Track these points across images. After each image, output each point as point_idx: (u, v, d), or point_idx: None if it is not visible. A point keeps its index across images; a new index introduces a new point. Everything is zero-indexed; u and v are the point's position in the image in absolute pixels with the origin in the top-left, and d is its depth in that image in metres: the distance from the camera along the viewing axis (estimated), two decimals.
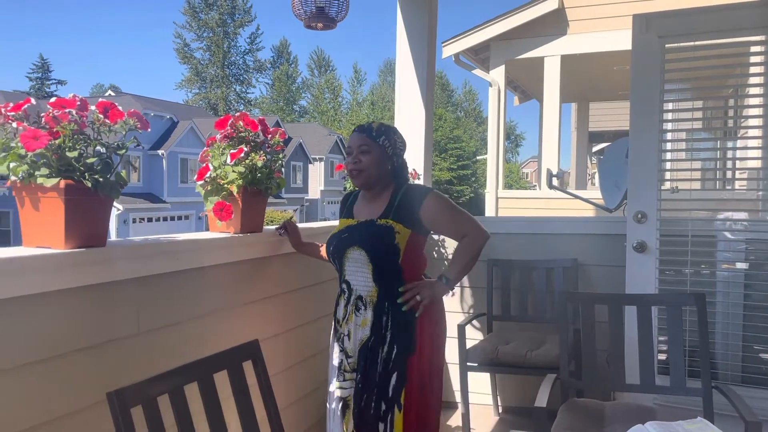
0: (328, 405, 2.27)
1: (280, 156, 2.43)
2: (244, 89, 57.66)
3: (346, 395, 2.19)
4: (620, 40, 6.14)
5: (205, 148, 2.32)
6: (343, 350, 2.20)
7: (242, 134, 2.30)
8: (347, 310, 2.20)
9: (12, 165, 1.56)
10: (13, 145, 1.56)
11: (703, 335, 2.29)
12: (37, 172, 1.55)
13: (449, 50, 7.36)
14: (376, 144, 2.21)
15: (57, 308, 1.55)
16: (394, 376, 2.10)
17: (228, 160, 2.23)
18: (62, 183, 1.55)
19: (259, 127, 2.33)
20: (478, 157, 43.82)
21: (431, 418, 2.20)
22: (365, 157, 2.20)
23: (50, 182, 1.54)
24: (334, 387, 2.23)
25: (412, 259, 2.18)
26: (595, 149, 14.49)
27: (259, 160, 2.27)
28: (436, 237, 3.73)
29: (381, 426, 2.10)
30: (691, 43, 2.94)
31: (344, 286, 2.21)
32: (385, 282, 2.14)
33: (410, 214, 2.16)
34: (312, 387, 2.79)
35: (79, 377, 1.61)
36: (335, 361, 2.23)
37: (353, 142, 2.24)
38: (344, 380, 2.20)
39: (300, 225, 2.61)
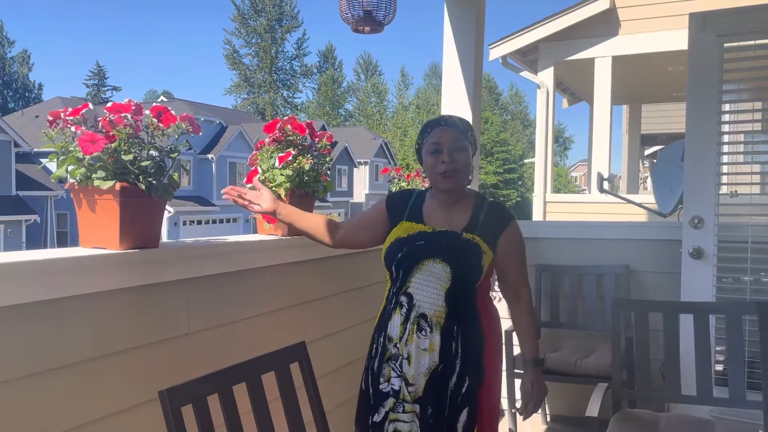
0: None
1: (328, 159, 2.44)
2: (290, 94, 58.55)
3: (407, 429, 1.85)
4: (675, 40, 5.97)
5: (254, 152, 2.35)
6: (401, 376, 1.86)
7: (290, 138, 2.32)
8: (405, 329, 1.87)
9: (70, 168, 1.61)
10: (71, 148, 1.61)
11: (765, 345, 2.19)
12: (94, 175, 1.60)
13: (496, 52, 7.29)
14: (467, 140, 1.90)
15: (111, 307, 1.59)
16: (465, 411, 1.85)
17: (276, 164, 2.25)
18: (118, 185, 1.59)
19: (307, 131, 2.35)
20: (525, 161, 43.30)
21: None
22: (461, 155, 1.87)
23: (106, 184, 1.58)
24: (383, 417, 1.88)
25: (485, 285, 1.95)
26: (647, 152, 14.09)
27: (307, 163, 2.28)
28: None
29: None
30: (751, 42, 2.82)
31: (404, 299, 1.88)
32: (456, 302, 1.86)
33: (493, 236, 1.89)
34: (358, 390, 2.77)
35: (132, 375, 1.65)
36: (390, 387, 1.88)
37: (443, 138, 1.88)
38: (403, 412, 1.85)
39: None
